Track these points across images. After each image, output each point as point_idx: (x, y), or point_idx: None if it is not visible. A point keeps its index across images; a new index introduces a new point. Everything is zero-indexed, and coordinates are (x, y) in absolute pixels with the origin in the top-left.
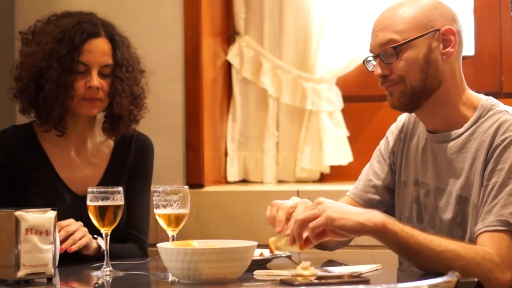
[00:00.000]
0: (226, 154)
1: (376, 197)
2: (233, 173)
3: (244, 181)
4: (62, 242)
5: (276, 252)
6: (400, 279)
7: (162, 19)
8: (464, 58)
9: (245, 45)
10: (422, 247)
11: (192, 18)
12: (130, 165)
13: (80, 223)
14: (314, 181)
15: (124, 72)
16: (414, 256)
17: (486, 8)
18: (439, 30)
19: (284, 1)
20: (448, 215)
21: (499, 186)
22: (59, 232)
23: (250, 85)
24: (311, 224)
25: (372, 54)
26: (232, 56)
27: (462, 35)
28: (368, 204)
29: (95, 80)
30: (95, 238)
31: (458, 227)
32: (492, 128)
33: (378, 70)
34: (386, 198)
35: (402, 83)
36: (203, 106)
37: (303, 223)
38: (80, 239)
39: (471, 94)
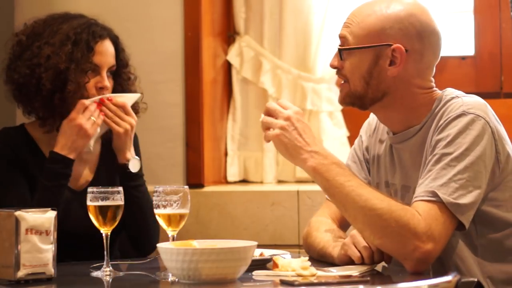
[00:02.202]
0: (226, 154)
1: None
2: (233, 173)
3: (244, 181)
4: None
5: (276, 252)
6: (400, 279)
7: (162, 19)
8: (464, 58)
9: (245, 45)
10: (348, 198)
11: (192, 18)
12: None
13: None
14: (314, 181)
15: (127, 72)
16: (340, 206)
17: (486, 8)
18: (390, 45)
19: (284, 1)
20: None
21: (434, 162)
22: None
23: (250, 85)
24: (265, 134)
25: None
26: (232, 56)
27: (428, 51)
28: None
29: (106, 81)
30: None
31: None
32: (441, 114)
33: (332, 61)
34: None
35: (347, 83)
36: (203, 106)
37: (263, 126)
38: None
39: (434, 93)
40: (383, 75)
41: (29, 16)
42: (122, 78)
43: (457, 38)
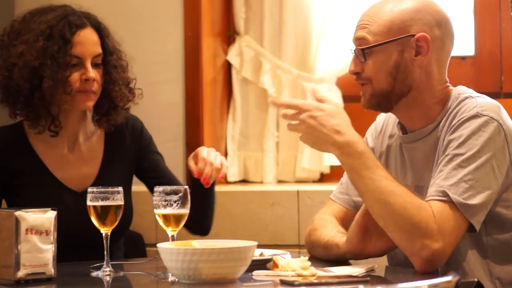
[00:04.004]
0: (226, 154)
1: (360, 199)
2: (233, 173)
3: (244, 181)
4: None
5: (276, 252)
6: (400, 279)
7: (162, 19)
8: (464, 58)
9: (245, 45)
10: (365, 189)
11: (192, 18)
12: (136, 152)
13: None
14: (314, 181)
15: (117, 59)
16: (359, 193)
17: (486, 8)
18: (413, 35)
19: (284, 1)
20: None
21: (446, 162)
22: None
23: (250, 85)
24: (290, 124)
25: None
26: (232, 56)
27: (448, 39)
28: (354, 207)
29: (91, 72)
30: None
31: None
32: (454, 113)
33: (352, 67)
34: None
35: (370, 84)
36: (203, 106)
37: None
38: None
39: (448, 90)
40: (409, 67)
41: None
42: (109, 65)
43: (457, 38)
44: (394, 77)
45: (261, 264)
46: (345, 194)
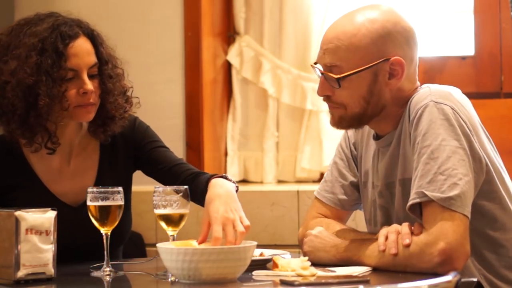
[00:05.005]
0: (226, 154)
1: (345, 197)
2: (233, 173)
3: (244, 181)
4: None
5: (276, 252)
6: (400, 279)
7: (162, 19)
8: (464, 58)
9: (245, 45)
10: (352, 261)
11: (192, 18)
12: (131, 152)
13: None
14: (314, 181)
15: (111, 68)
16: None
17: (486, 8)
18: (388, 59)
19: (284, 1)
20: (399, 205)
21: (417, 158)
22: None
23: (250, 85)
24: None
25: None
26: (232, 56)
27: (415, 51)
28: (341, 206)
29: (89, 84)
30: None
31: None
32: (409, 104)
33: (320, 91)
34: (357, 196)
35: (342, 108)
36: (203, 106)
37: None
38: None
39: (415, 91)
40: (383, 90)
41: None
42: (104, 76)
43: (457, 38)
44: (367, 101)
45: (261, 264)
46: (331, 192)
